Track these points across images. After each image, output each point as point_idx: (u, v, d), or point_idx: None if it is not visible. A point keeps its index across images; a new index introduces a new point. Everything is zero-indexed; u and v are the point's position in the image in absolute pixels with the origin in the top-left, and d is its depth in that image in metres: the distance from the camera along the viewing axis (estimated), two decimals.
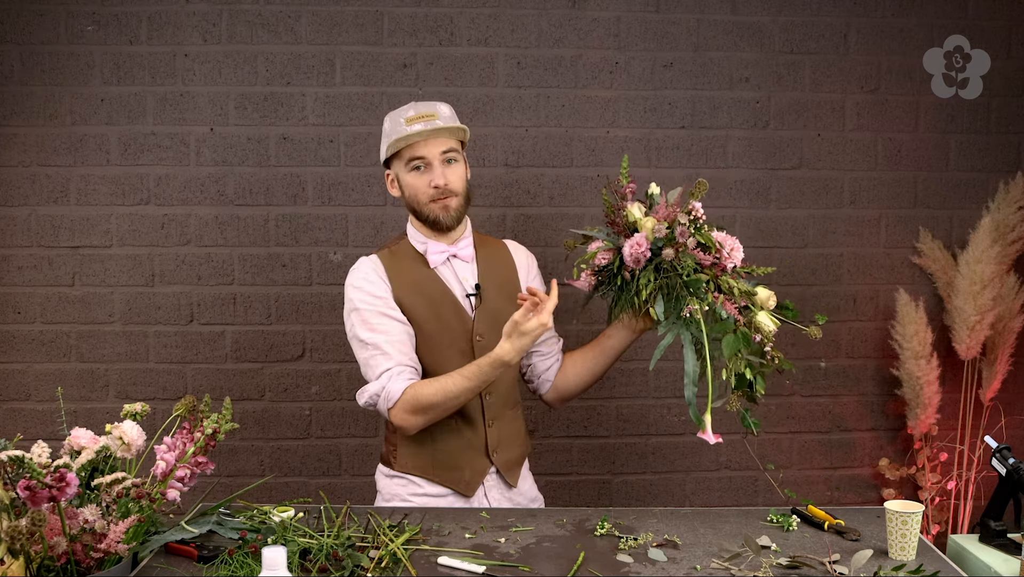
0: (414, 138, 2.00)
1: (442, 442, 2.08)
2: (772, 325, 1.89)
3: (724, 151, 2.90)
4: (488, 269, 2.12)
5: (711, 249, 1.91)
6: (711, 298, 1.86)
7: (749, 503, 2.97)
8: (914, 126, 2.92)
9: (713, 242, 1.91)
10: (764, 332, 1.88)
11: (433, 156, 2.01)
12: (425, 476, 2.11)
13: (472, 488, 2.11)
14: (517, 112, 2.85)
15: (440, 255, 2.07)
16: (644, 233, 1.91)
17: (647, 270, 1.90)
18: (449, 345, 2.03)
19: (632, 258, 1.90)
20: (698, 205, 1.93)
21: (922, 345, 2.82)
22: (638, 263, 1.91)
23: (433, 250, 2.07)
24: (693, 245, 1.89)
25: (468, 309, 2.07)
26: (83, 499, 1.66)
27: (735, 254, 1.92)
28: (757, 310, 1.90)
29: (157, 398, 2.84)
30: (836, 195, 2.93)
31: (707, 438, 1.84)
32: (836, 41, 2.88)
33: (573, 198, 2.88)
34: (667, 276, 1.89)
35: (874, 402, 2.99)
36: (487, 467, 2.11)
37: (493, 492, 2.14)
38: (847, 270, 2.95)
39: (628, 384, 2.94)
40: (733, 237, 1.94)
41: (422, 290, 2.05)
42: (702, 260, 1.90)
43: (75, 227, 2.81)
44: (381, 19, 2.80)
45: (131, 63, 2.77)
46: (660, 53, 2.85)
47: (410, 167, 2.04)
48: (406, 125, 2.00)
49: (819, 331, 1.93)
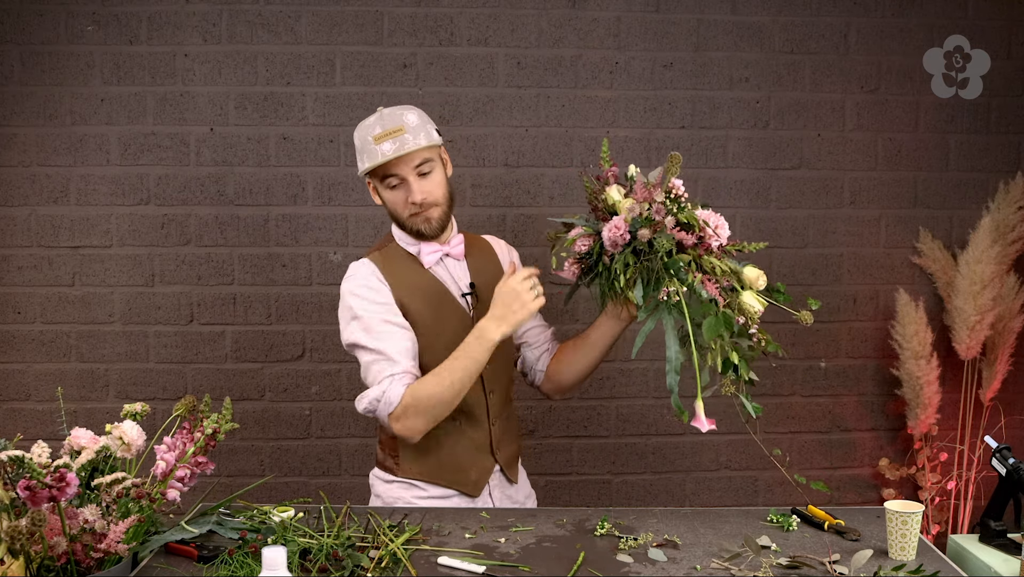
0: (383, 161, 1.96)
1: (448, 445, 2.06)
2: (758, 306, 1.79)
3: (724, 151, 2.90)
4: (479, 267, 2.12)
5: (694, 228, 1.82)
6: (691, 279, 1.77)
7: (749, 503, 2.97)
8: (914, 126, 2.92)
9: (696, 220, 1.82)
10: (749, 313, 1.78)
11: (407, 172, 1.98)
12: (430, 480, 2.08)
13: (479, 488, 2.09)
14: (517, 112, 2.85)
15: (434, 255, 2.05)
16: (622, 215, 1.84)
17: (624, 253, 1.82)
18: (449, 345, 1.99)
19: (611, 242, 1.84)
20: (679, 183, 1.85)
21: (922, 345, 2.82)
22: (616, 246, 1.84)
23: (426, 251, 2.05)
24: (672, 224, 1.81)
25: (466, 308, 2.07)
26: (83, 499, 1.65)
27: (720, 231, 1.83)
28: (743, 291, 1.80)
29: (157, 398, 2.84)
30: (836, 195, 2.93)
31: (700, 425, 1.77)
32: (836, 41, 2.88)
33: (573, 198, 2.88)
34: (647, 259, 1.80)
35: (874, 402, 2.99)
36: (492, 465, 2.10)
37: (496, 491, 2.14)
38: (847, 270, 2.95)
39: (628, 384, 2.94)
40: (718, 215, 1.85)
41: (421, 291, 2.03)
42: (684, 240, 1.81)
43: (75, 227, 2.81)
44: (381, 19, 2.80)
45: (131, 63, 2.77)
46: (660, 53, 2.85)
47: (385, 185, 2.01)
48: (375, 144, 1.96)
49: (810, 316, 1.83)
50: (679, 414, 1.77)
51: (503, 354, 2.07)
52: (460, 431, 2.06)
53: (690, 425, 2.92)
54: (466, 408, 2.03)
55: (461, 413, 2.02)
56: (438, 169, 2.02)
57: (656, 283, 1.79)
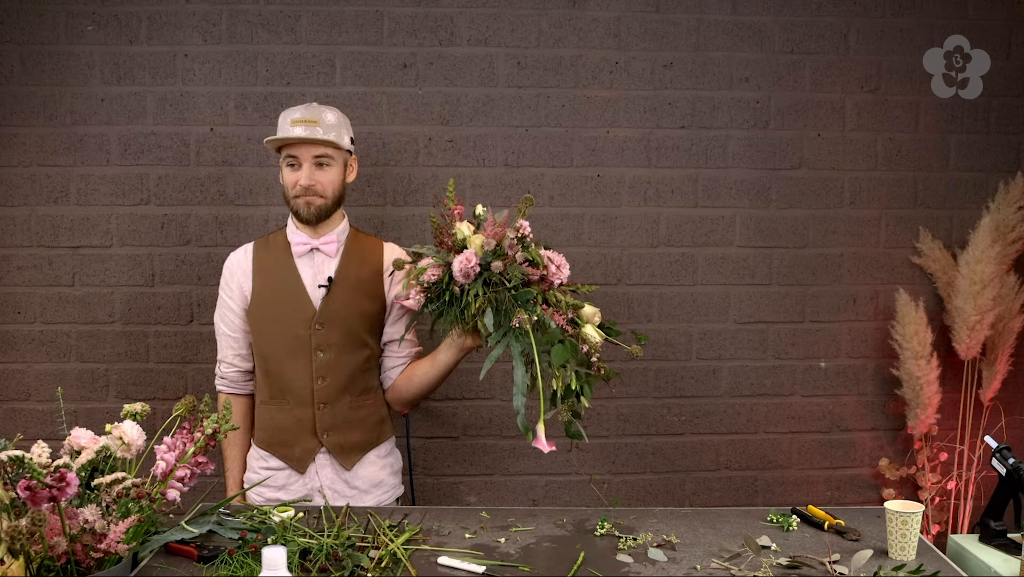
0: (289, 140, 2.21)
1: (277, 420, 2.28)
2: (598, 337, 1.99)
3: (724, 151, 2.90)
4: (348, 265, 2.29)
5: (539, 264, 1.99)
6: (539, 310, 1.95)
7: (749, 503, 2.97)
8: (914, 126, 2.92)
9: (540, 258, 2.00)
10: (591, 343, 1.97)
11: (305, 158, 2.22)
12: (267, 450, 2.31)
13: (303, 465, 2.28)
14: (517, 112, 2.85)
15: (301, 246, 2.27)
16: (473, 249, 1.99)
17: (476, 283, 1.98)
18: (289, 328, 2.24)
19: (462, 273, 1.98)
20: (526, 224, 2.02)
21: (922, 345, 2.82)
22: (468, 277, 1.98)
23: (296, 240, 2.27)
24: (522, 259, 1.98)
25: (315, 298, 2.25)
26: (83, 499, 1.66)
27: (562, 271, 2.02)
28: (583, 324, 1.99)
29: (157, 398, 2.84)
30: (836, 195, 2.93)
31: (541, 447, 1.86)
32: (836, 41, 2.88)
33: (573, 198, 2.88)
34: (496, 290, 1.97)
35: (874, 402, 2.99)
36: (317, 447, 2.27)
37: (326, 471, 2.29)
38: (847, 270, 2.95)
39: (629, 384, 2.94)
40: (560, 255, 2.04)
41: (275, 275, 2.27)
42: (531, 275, 1.98)
43: (75, 227, 2.81)
44: (381, 19, 2.80)
45: (131, 63, 2.77)
46: (660, 53, 2.85)
47: (286, 163, 2.25)
48: (290, 126, 2.20)
49: (640, 349, 2.06)
50: (526, 434, 1.87)
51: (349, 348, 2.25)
52: (288, 409, 2.27)
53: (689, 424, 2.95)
54: (292, 388, 2.25)
55: (288, 392, 2.26)
56: (336, 168, 2.27)
57: (506, 313, 1.95)
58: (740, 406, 2.96)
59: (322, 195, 2.23)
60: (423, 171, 2.84)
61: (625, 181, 2.88)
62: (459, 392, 2.91)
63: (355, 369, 2.28)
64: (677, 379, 2.94)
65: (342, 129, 2.26)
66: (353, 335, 2.25)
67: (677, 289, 2.92)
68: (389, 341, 2.34)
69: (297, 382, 2.25)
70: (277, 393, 2.28)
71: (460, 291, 2.00)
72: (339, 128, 2.25)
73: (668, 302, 2.92)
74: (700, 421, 2.96)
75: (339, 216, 2.32)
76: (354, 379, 2.28)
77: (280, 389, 2.27)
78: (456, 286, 2.01)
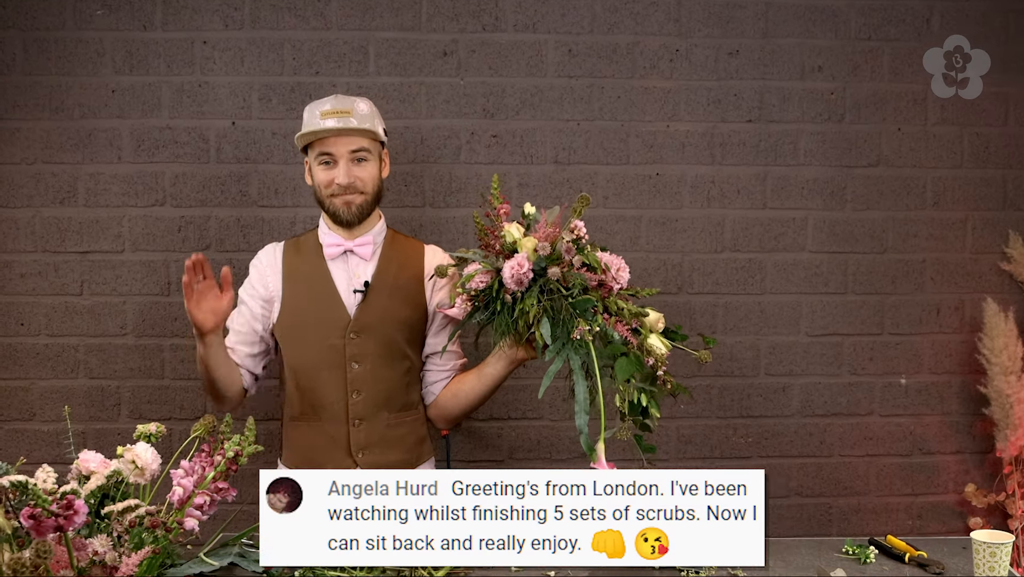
0: (322, 134, 2.11)
1: (308, 438, 2.19)
2: (664, 348, 1.90)
3: (795, 147, 2.79)
4: (386, 268, 2.20)
5: (596, 269, 1.92)
6: (601, 320, 1.87)
7: (822, 533, 2.87)
8: (1003, 120, 2.81)
9: (598, 262, 1.93)
10: (656, 355, 1.88)
11: (341, 154, 2.13)
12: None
13: None
14: (568, 104, 2.75)
15: (335, 248, 2.19)
16: (525, 253, 1.91)
17: (531, 291, 1.90)
18: (321, 338, 2.15)
19: (514, 280, 1.89)
20: (580, 224, 1.92)
21: (1012, 360, 2.74)
22: (521, 284, 1.90)
23: (329, 242, 2.20)
24: (579, 264, 1.92)
25: (350, 305, 2.16)
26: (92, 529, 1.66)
27: (621, 275, 1.94)
28: (647, 332, 1.91)
29: (173, 418, 2.76)
30: (917, 195, 2.83)
31: (600, 467, 1.79)
32: (918, 26, 2.78)
33: (629, 199, 2.77)
34: (552, 298, 1.89)
35: (959, 422, 2.89)
36: (351, 468, 2.16)
37: None
38: (929, 277, 2.85)
39: (691, 402, 2.83)
40: (619, 257, 1.96)
41: (307, 280, 2.20)
42: (588, 280, 1.91)
43: (84, 230, 2.72)
44: (419, 2, 2.71)
45: (145, 51, 2.70)
46: (725, 40, 2.76)
47: (319, 161, 2.16)
48: (320, 119, 2.12)
49: (708, 355, 1.95)
50: (590, 454, 1.80)
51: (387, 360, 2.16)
52: (320, 426, 2.18)
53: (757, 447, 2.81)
54: (325, 403, 2.16)
55: (321, 408, 2.16)
56: (373, 163, 2.17)
57: (563, 323, 1.87)
58: (812, 427, 2.86)
59: (362, 191, 2.16)
60: (465, 169, 2.75)
61: (686, 180, 2.78)
62: (504, 411, 2.79)
63: (393, 383, 2.19)
64: (743, 397, 2.83)
65: (376, 119, 2.19)
66: (391, 345, 2.17)
67: (743, 298, 2.81)
68: (431, 353, 2.25)
69: (330, 397, 2.17)
70: (308, 409, 2.19)
71: (512, 299, 1.93)
72: (373, 119, 2.18)
73: (733, 313, 2.82)
74: (769, 443, 2.85)
75: (376, 216, 2.24)
76: (392, 394, 2.19)
77: (312, 405, 2.18)
78: (507, 294, 1.93)
